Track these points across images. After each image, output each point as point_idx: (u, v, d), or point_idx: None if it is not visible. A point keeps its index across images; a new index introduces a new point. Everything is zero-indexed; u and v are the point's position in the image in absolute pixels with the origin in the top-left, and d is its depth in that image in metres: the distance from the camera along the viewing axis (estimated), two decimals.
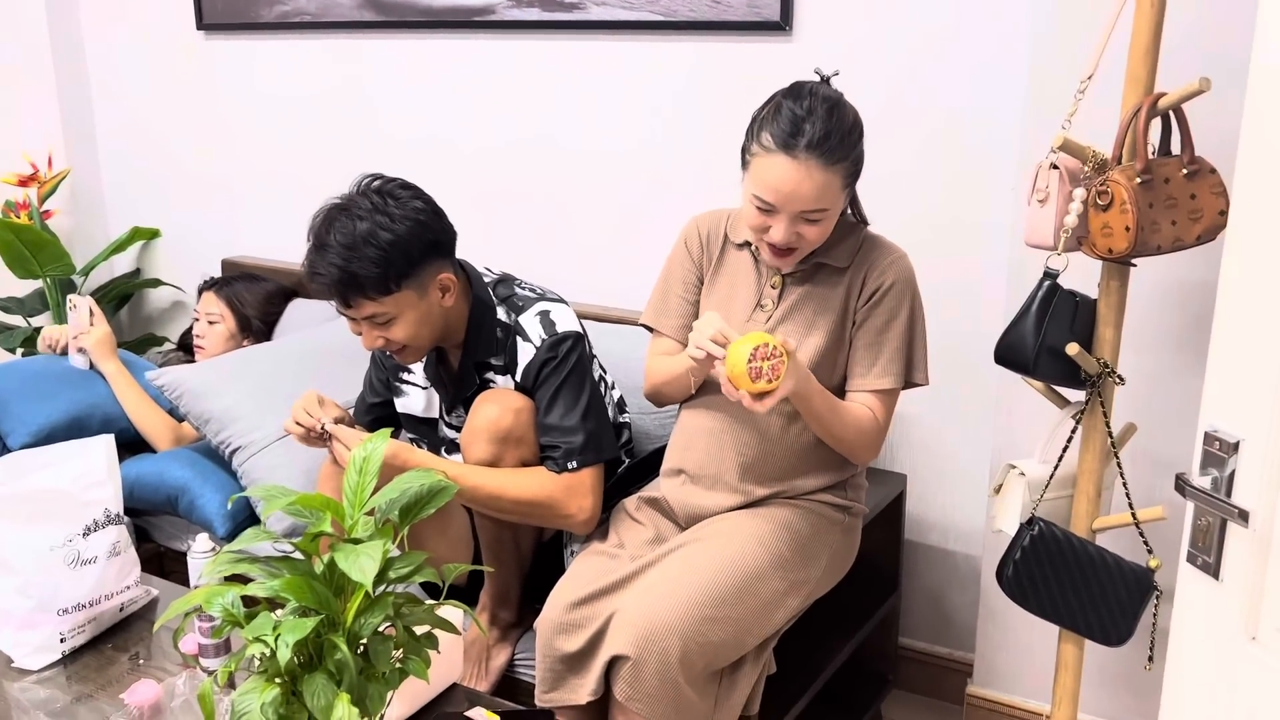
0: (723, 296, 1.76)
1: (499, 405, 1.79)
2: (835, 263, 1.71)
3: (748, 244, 1.76)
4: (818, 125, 1.55)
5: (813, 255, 1.71)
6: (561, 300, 1.91)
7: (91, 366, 2.51)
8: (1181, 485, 1.09)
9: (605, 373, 2.01)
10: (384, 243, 1.68)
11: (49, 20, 3.14)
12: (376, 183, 1.76)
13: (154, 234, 3.27)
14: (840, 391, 1.72)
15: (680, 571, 1.62)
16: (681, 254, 1.82)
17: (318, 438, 1.76)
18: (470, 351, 1.86)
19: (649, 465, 2.02)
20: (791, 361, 1.53)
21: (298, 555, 1.23)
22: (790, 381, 1.54)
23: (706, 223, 1.81)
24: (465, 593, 1.98)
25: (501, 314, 1.86)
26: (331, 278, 1.70)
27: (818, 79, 1.65)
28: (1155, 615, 1.63)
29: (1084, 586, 1.62)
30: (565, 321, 1.85)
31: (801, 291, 1.72)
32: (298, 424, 1.77)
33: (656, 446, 2.06)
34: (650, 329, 1.85)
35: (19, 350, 3.04)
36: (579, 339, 1.84)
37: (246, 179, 3.08)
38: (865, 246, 1.72)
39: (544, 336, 1.82)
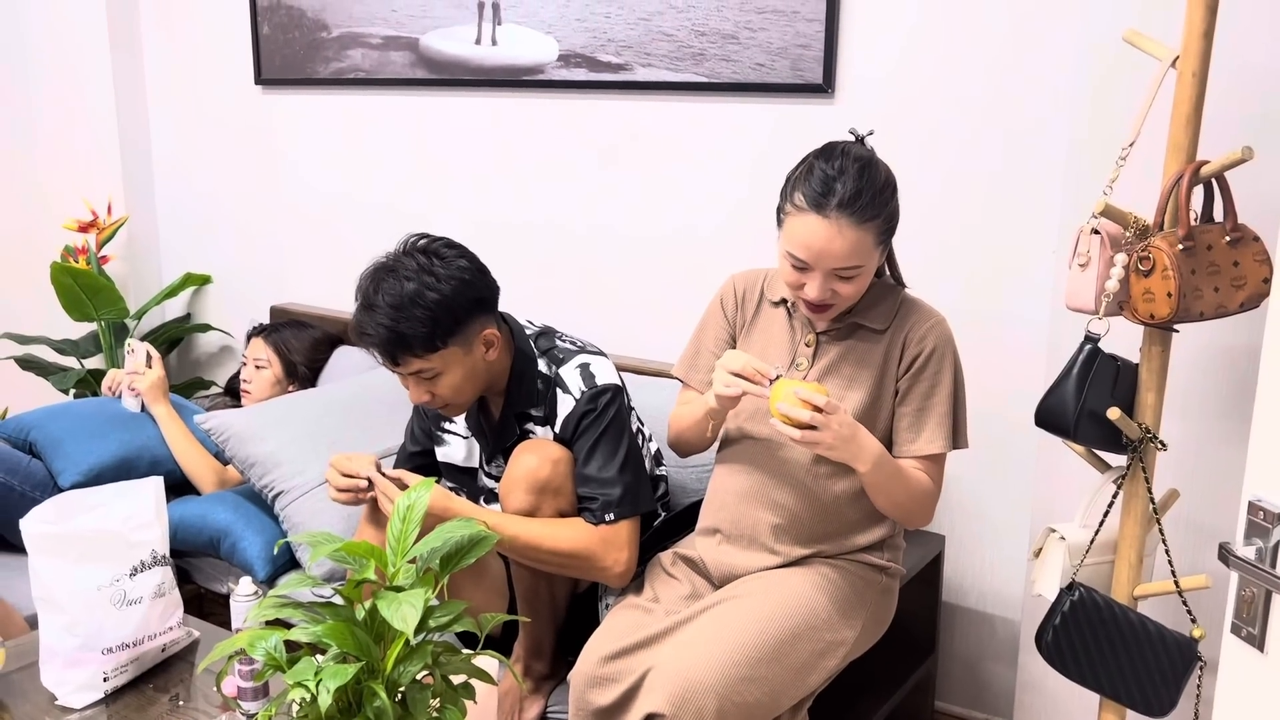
0: (756, 354, 1.77)
1: (537, 455, 1.80)
2: (872, 324, 1.72)
3: (784, 301, 1.78)
4: (848, 184, 1.57)
5: (849, 315, 1.72)
6: (601, 353, 1.93)
7: (143, 409, 2.57)
8: (1225, 555, 1.08)
9: (643, 425, 2.03)
10: (430, 303, 1.72)
11: (114, 72, 3.26)
12: (422, 242, 1.80)
13: (205, 280, 3.35)
14: None
15: (717, 630, 1.62)
16: (716, 311, 1.84)
17: (362, 491, 1.79)
18: (511, 402, 1.88)
19: (685, 519, 2.03)
20: (853, 429, 1.57)
21: (338, 600, 1.25)
22: (851, 445, 1.56)
23: (743, 281, 1.84)
24: (499, 643, 1.98)
25: (542, 366, 1.88)
26: (380, 337, 1.74)
27: (852, 139, 1.68)
28: (1199, 686, 1.60)
29: (1125, 654, 1.60)
30: (605, 374, 1.87)
31: (837, 351, 1.73)
32: (342, 489, 1.79)
33: (693, 500, 2.07)
34: (681, 381, 1.87)
35: (72, 391, 3.12)
36: (618, 392, 1.87)
37: (296, 228, 3.15)
38: (903, 309, 1.73)
39: (584, 389, 1.84)
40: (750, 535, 1.74)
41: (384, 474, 1.79)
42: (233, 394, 2.92)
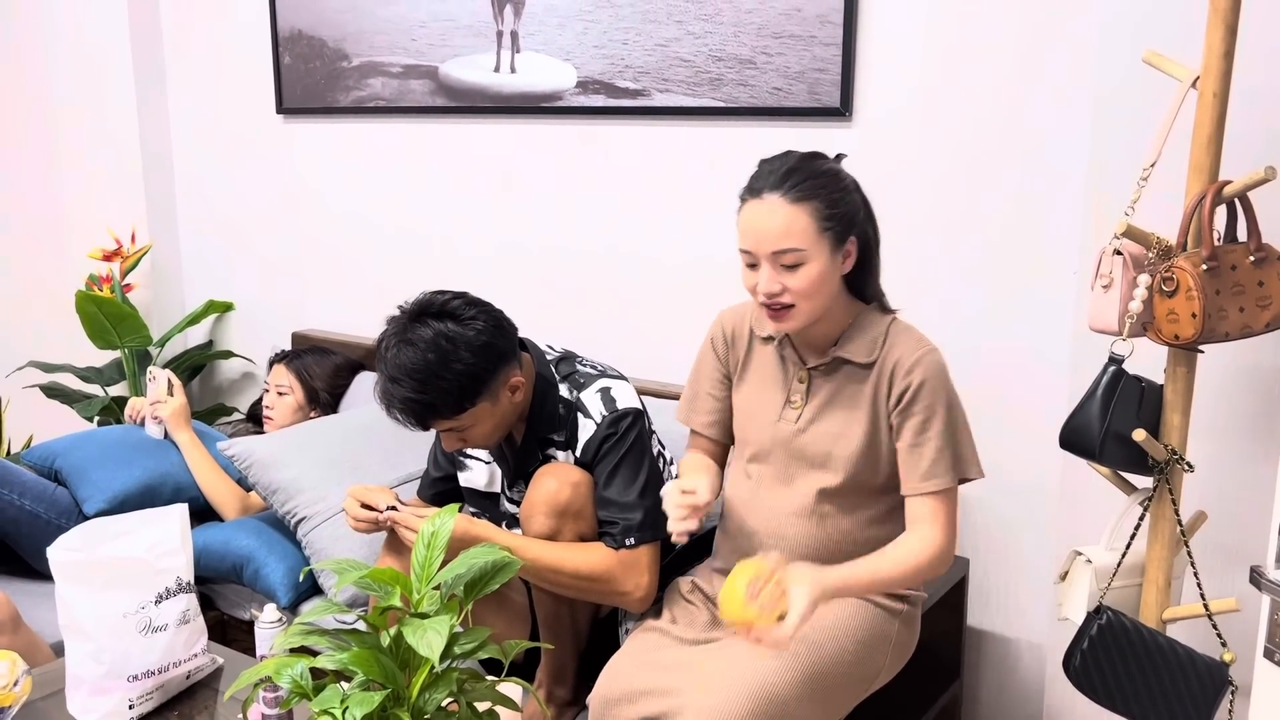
0: (752, 394, 1.76)
1: (557, 479, 1.81)
2: (856, 359, 1.66)
3: (773, 338, 1.75)
4: (781, 167, 1.59)
5: (833, 349, 1.68)
6: (622, 377, 1.93)
7: (166, 436, 2.59)
8: (1256, 578, 1.07)
9: (665, 449, 2.02)
10: (455, 373, 1.72)
11: (137, 103, 3.30)
12: (437, 303, 1.78)
13: (228, 307, 3.38)
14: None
15: (741, 666, 1.59)
16: (707, 352, 1.83)
17: (380, 522, 1.81)
18: (533, 428, 1.89)
19: (706, 542, 2.02)
20: (799, 574, 1.46)
21: (363, 627, 1.25)
22: (805, 592, 1.44)
23: (731, 319, 1.81)
24: (522, 669, 1.98)
25: (563, 391, 1.89)
26: (409, 409, 1.75)
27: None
28: (1231, 711, 1.58)
29: (1155, 679, 1.58)
30: (626, 398, 1.87)
31: (829, 388, 1.68)
32: (360, 520, 1.81)
33: (713, 524, 2.06)
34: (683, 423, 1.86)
35: (96, 419, 3.14)
36: (639, 416, 1.87)
37: (318, 256, 3.18)
38: (889, 340, 1.66)
39: (604, 413, 1.85)
40: None
41: (402, 506, 1.80)
42: (255, 420, 2.94)
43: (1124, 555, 1.64)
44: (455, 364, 1.72)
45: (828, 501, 1.68)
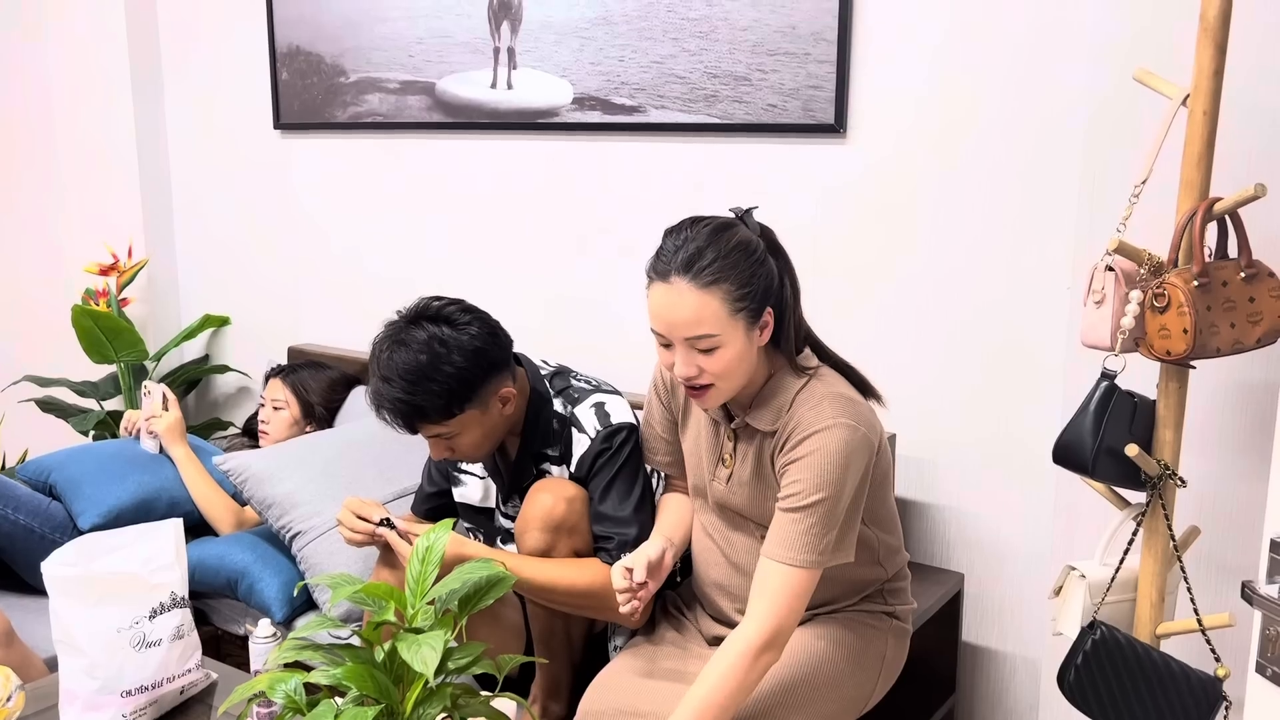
0: (692, 445, 1.76)
1: (552, 494, 1.81)
2: (760, 426, 1.60)
3: None
4: (690, 247, 1.51)
5: (745, 413, 1.63)
6: (616, 392, 1.94)
7: (161, 450, 2.59)
8: (1248, 594, 1.08)
9: None
10: (446, 376, 1.73)
11: (135, 118, 3.32)
12: (434, 307, 1.79)
13: (224, 321, 3.38)
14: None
15: None
16: (652, 396, 1.83)
17: (375, 535, 1.81)
18: (527, 443, 1.89)
19: None
20: None
21: (357, 642, 1.25)
22: None
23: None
24: (516, 684, 1.98)
25: (558, 405, 1.89)
26: (398, 410, 1.75)
27: (731, 215, 1.60)
28: None
29: (1149, 694, 1.58)
30: (620, 413, 1.88)
31: (751, 449, 1.63)
32: (355, 530, 1.81)
33: None
34: None
35: (91, 433, 3.14)
36: (633, 430, 1.87)
37: (314, 270, 3.19)
38: (793, 408, 1.57)
39: (599, 428, 1.85)
40: (728, 620, 1.73)
41: (397, 526, 1.80)
42: (250, 435, 2.94)
43: (1118, 570, 1.64)
44: (446, 366, 1.73)
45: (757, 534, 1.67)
